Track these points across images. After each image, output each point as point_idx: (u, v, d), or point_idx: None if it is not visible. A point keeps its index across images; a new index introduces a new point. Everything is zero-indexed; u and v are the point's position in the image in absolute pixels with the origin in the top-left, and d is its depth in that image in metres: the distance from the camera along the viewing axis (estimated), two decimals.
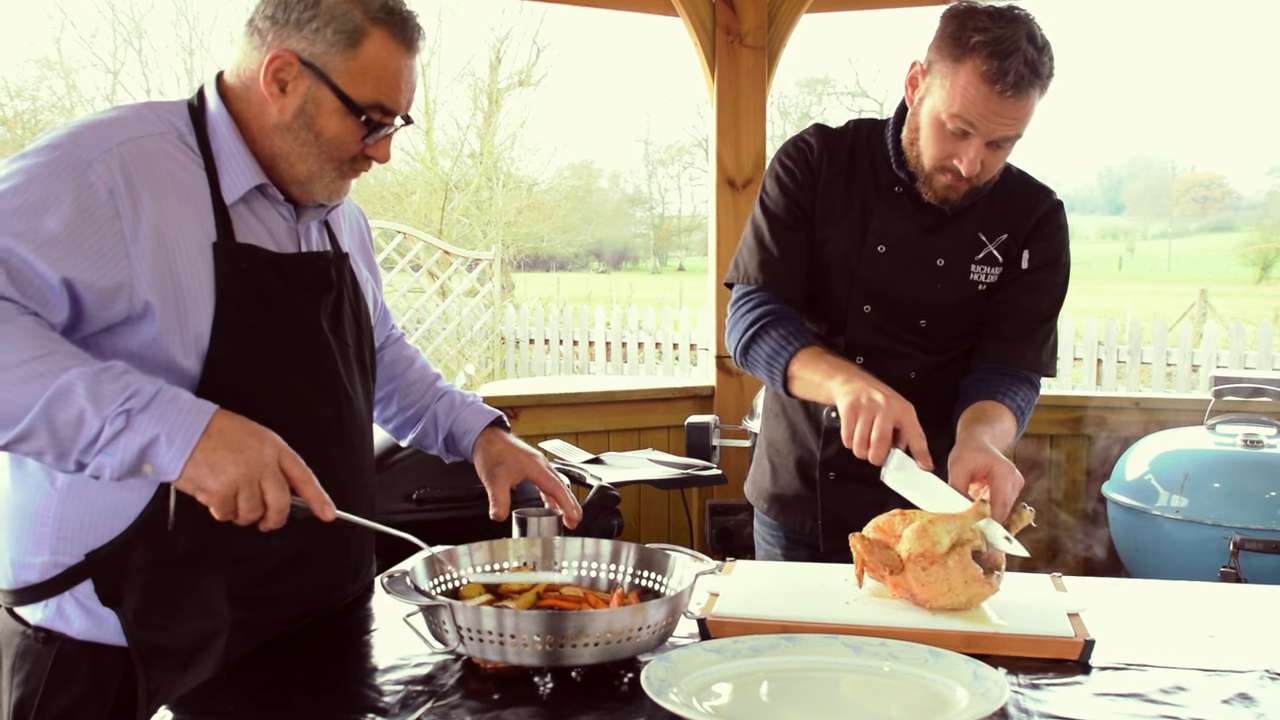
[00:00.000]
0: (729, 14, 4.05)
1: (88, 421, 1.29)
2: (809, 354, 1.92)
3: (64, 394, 1.29)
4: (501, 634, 1.35)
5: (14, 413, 1.29)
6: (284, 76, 1.49)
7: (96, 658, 1.47)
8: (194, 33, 22.86)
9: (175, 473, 1.32)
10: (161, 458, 1.32)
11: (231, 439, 1.34)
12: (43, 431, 1.29)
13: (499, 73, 20.50)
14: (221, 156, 1.51)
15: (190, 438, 1.32)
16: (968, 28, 1.81)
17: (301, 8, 1.48)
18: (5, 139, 21.37)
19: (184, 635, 1.48)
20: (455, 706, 1.30)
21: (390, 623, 1.58)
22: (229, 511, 1.35)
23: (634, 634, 1.39)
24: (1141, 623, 1.67)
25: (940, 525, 1.59)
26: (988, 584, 1.58)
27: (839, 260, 2.03)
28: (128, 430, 1.30)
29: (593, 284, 26.45)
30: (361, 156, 1.55)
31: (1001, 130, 1.84)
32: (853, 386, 1.78)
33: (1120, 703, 1.34)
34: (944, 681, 1.34)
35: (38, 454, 1.32)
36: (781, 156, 2.09)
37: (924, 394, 2.00)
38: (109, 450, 1.30)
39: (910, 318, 2.03)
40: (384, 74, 1.50)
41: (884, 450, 1.71)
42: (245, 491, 1.34)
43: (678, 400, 4.15)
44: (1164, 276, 34.99)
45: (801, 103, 32.17)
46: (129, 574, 1.46)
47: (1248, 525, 2.97)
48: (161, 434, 1.31)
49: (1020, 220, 2.04)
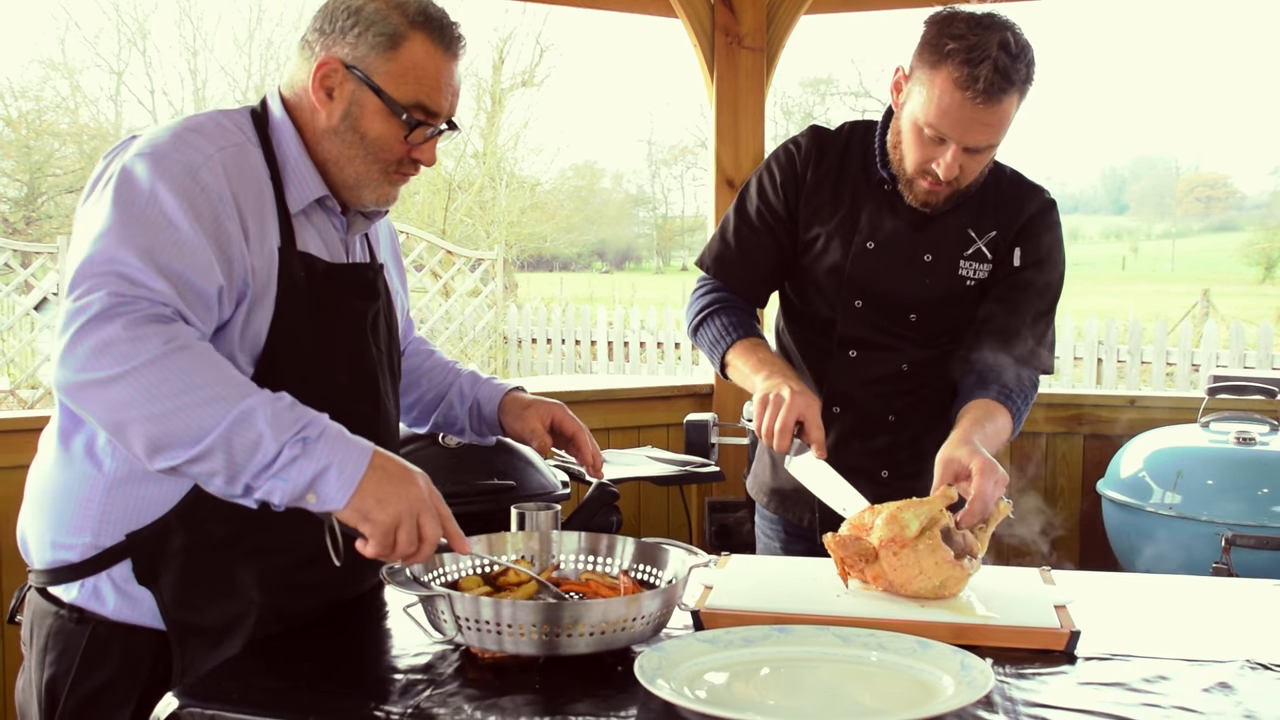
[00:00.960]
0: (728, 16, 4.08)
1: (264, 447, 1.33)
2: (745, 345, 2.06)
3: (246, 419, 1.33)
4: (499, 623, 1.39)
5: (196, 434, 1.32)
6: (330, 83, 1.55)
7: (130, 638, 1.52)
8: (197, 33, 22.87)
9: (341, 503, 1.35)
10: (330, 488, 1.35)
11: (393, 475, 1.39)
12: (220, 454, 1.33)
13: (502, 73, 20.52)
14: (287, 166, 1.57)
15: (358, 470, 1.36)
16: (944, 35, 1.84)
17: (345, 16, 1.55)
18: (10, 139, 21.41)
19: (215, 615, 1.53)
20: (453, 694, 1.33)
21: (390, 613, 1.62)
22: (388, 545, 1.38)
23: (629, 624, 1.42)
24: (1127, 614, 1.70)
25: (909, 511, 1.63)
26: (959, 567, 1.62)
27: (829, 257, 2.08)
28: (304, 457, 1.34)
29: (596, 284, 26.48)
30: (408, 160, 1.60)
31: (976, 137, 1.86)
32: (769, 383, 1.91)
33: (1103, 691, 1.37)
34: (931, 671, 1.37)
35: (208, 475, 1.35)
36: (770, 160, 2.15)
37: (917, 386, 2.07)
38: (282, 475, 1.34)
39: (900, 312, 2.07)
40: (423, 75, 1.55)
41: (786, 440, 1.84)
42: (406, 525, 1.38)
43: (677, 398, 4.18)
44: (1167, 276, 34.96)
45: (805, 103, 32.19)
46: (166, 556, 1.51)
47: (1240, 521, 3.00)
48: (333, 464, 1.35)
49: (1010, 219, 2.07)
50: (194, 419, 1.32)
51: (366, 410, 1.66)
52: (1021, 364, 2.04)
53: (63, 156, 21.72)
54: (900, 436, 2.10)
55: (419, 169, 1.63)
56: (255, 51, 23.09)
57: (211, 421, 1.33)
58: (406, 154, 1.59)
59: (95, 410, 1.35)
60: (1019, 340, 2.04)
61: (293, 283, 1.54)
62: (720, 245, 2.17)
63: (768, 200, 2.12)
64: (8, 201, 21.32)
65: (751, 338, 2.07)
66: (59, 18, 33.08)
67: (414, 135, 1.57)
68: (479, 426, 1.94)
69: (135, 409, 1.32)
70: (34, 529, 1.57)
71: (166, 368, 1.33)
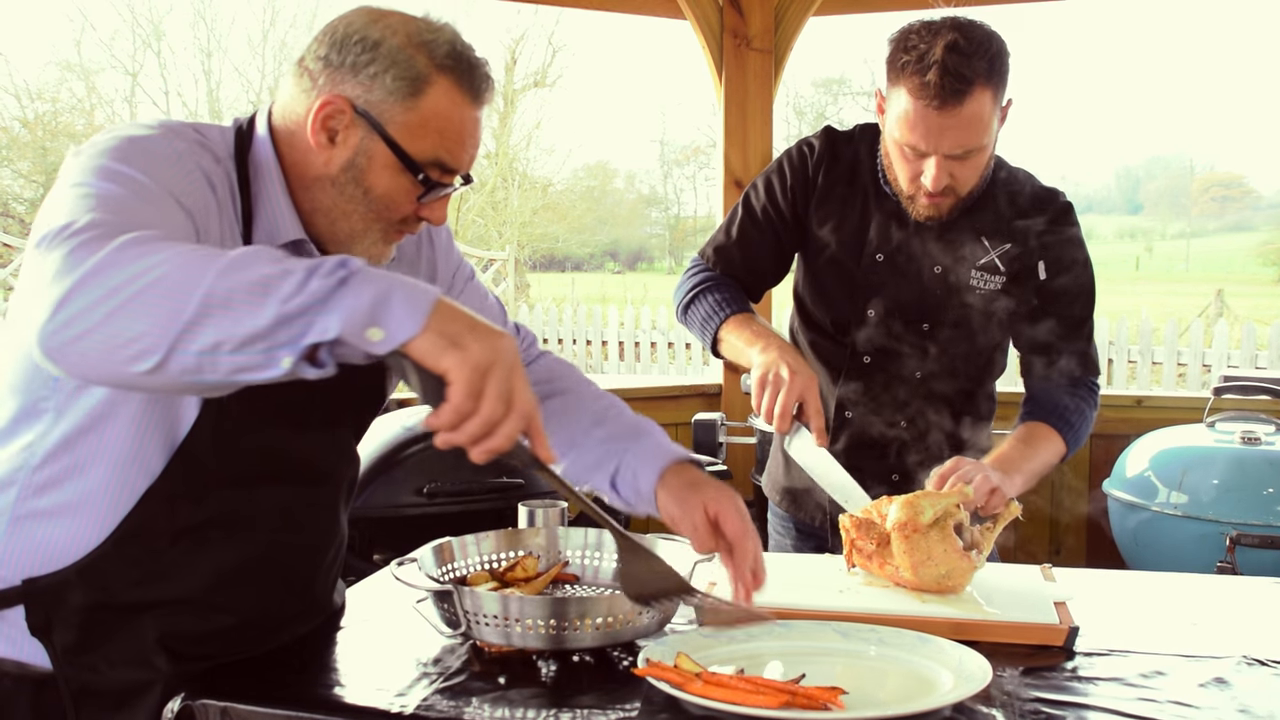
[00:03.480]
0: (736, 18, 4.10)
1: (275, 285, 1.05)
2: (738, 320, 2.04)
3: (240, 264, 1.06)
4: (506, 618, 1.41)
5: (175, 304, 1.05)
6: (334, 125, 1.34)
7: (36, 693, 1.36)
8: (212, 35, 23.00)
9: (417, 327, 1.06)
10: (397, 314, 1.06)
11: (471, 317, 1.11)
12: (218, 314, 1.04)
13: (514, 74, 20.58)
14: (260, 201, 1.37)
15: (428, 298, 1.08)
16: (898, 49, 1.83)
17: (359, 50, 1.33)
18: (26, 140, 21.54)
19: (115, 679, 1.36)
20: (461, 688, 1.35)
21: (398, 609, 1.64)
22: (473, 392, 1.08)
23: (634, 619, 1.45)
24: (1127, 611, 1.72)
25: (925, 500, 1.66)
26: (966, 558, 1.64)
27: (840, 265, 2.08)
28: (352, 282, 1.06)
29: (608, 284, 26.49)
30: (413, 218, 1.40)
31: (950, 143, 1.83)
32: (766, 359, 1.88)
33: (1100, 686, 1.39)
34: (930, 665, 1.39)
35: (213, 348, 1.05)
36: (782, 159, 2.15)
37: (932, 393, 2.07)
38: (332, 305, 1.05)
39: (912, 321, 2.06)
40: (446, 127, 1.35)
41: (786, 423, 1.82)
42: (499, 374, 1.09)
43: (685, 398, 4.20)
44: (1182, 276, 34.79)
45: (817, 103, 32.16)
46: (63, 612, 1.34)
47: (1245, 521, 3.01)
48: (395, 291, 1.07)
49: (1025, 231, 2.04)
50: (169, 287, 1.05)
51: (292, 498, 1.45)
52: (1073, 375, 2.03)
53: None
54: (912, 443, 2.09)
55: (421, 227, 1.43)
56: (269, 53, 23.19)
57: (194, 281, 1.05)
58: (413, 213, 1.39)
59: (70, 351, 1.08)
60: (1065, 353, 2.03)
61: None
62: (723, 237, 2.18)
63: (775, 200, 2.12)
64: (23, 202, 21.44)
65: (745, 313, 2.06)
66: (75, 20, 33.31)
67: (427, 195, 1.37)
68: (629, 495, 1.55)
69: (100, 309, 1.06)
70: None
71: (125, 255, 1.07)
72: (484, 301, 1.70)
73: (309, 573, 1.55)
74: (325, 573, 1.58)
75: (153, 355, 1.06)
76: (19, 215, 20.89)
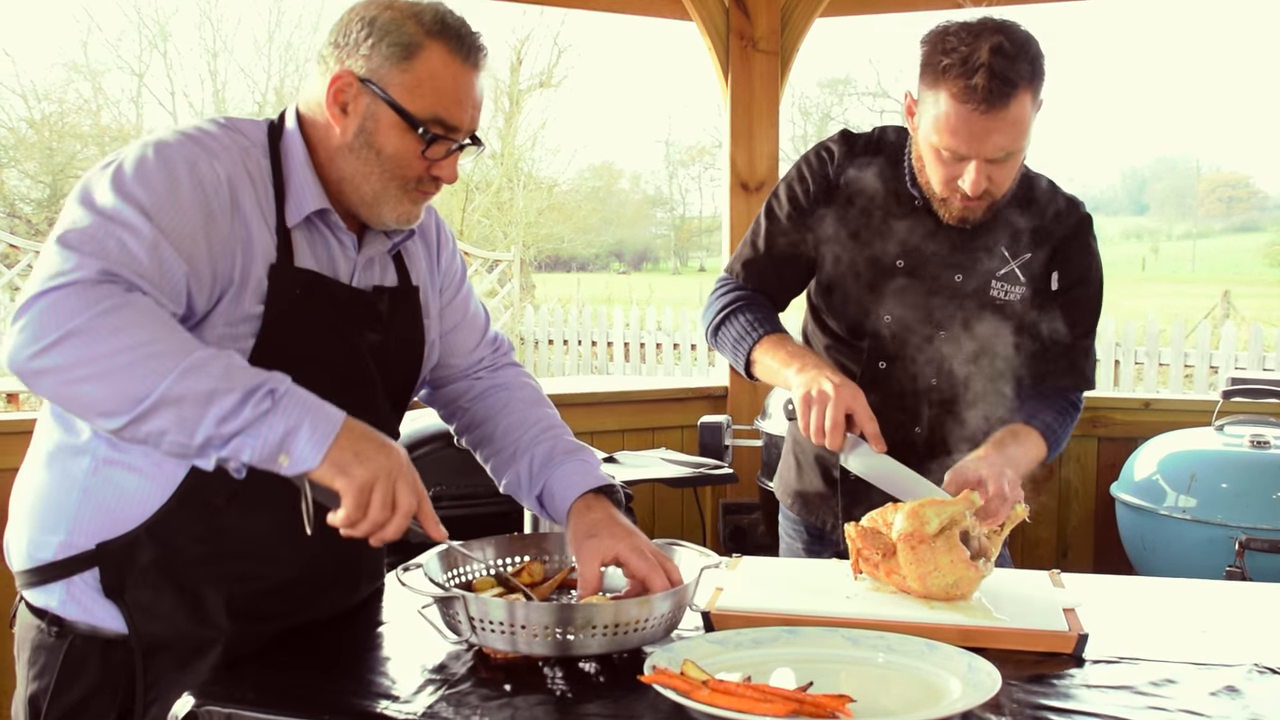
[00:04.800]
0: (742, 19, 4.09)
1: (218, 399, 1.28)
2: (771, 341, 2.02)
3: (195, 370, 1.29)
4: (512, 624, 1.41)
5: (136, 394, 1.27)
6: (345, 98, 1.49)
7: (105, 652, 1.49)
8: (217, 35, 23.05)
9: (316, 460, 1.32)
10: (302, 447, 1.31)
11: (370, 437, 1.36)
12: (168, 410, 1.28)
13: (520, 74, 20.58)
14: (290, 178, 1.52)
15: (331, 429, 1.33)
16: (937, 51, 1.81)
17: (359, 27, 1.49)
18: (33, 141, 21.59)
19: (182, 635, 1.50)
20: (466, 694, 1.35)
21: (403, 615, 1.64)
22: (360, 505, 1.34)
23: (640, 625, 1.44)
24: (1136, 618, 1.71)
25: (931, 508, 1.65)
26: (974, 568, 1.63)
27: (859, 270, 2.05)
28: (274, 413, 1.30)
29: (613, 285, 26.50)
30: (428, 178, 1.54)
31: (992, 147, 1.82)
32: (806, 377, 1.86)
33: (1110, 694, 1.38)
34: (939, 673, 1.38)
35: (158, 435, 1.30)
36: (800, 163, 2.13)
37: (947, 401, 2.04)
38: (251, 432, 1.30)
39: (930, 330, 2.04)
40: (441, 86, 1.49)
41: (839, 437, 1.80)
42: (382, 487, 1.35)
43: (691, 400, 4.19)
44: (1188, 277, 34.71)
45: (823, 103, 32.15)
46: (134, 570, 1.48)
47: (1254, 525, 2.99)
48: (305, 423, 1.32)
49: (1046, 241, 2.02)
50: (133, 378, 1.27)
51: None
52: (1060, 384, 2.03)
53: (85, 158, 21.88)
54: (927, 450, 2.07)
55: (440, 186, 1.56)
56: (275, 53, 23.25)
57: (154, 377, 1.27)
58: (425, 171, 1.53)
59: (41, 385, 1.30)
60: (1058, 361, 2.03)
61: (283, 299, 1.48)
62: (749, 251, 2.15)
63: (798, 205, 2.09)
64: (30, 203, 21.50)
65: (778, 333, 2.04)
66: (82, 20, 33.41)
67: (432, 150, 1.50)
68: (551, 515, 1.70)
69: (75, 371, 1.27)
70: (14, 529, 1.56)
71: (105, 324, 1.27)
72: (467, 314, 1.83)
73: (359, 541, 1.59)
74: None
75: (111, 421, 1.30)
76: (25, 216, 20.94)
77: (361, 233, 1.60)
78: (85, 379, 1.27)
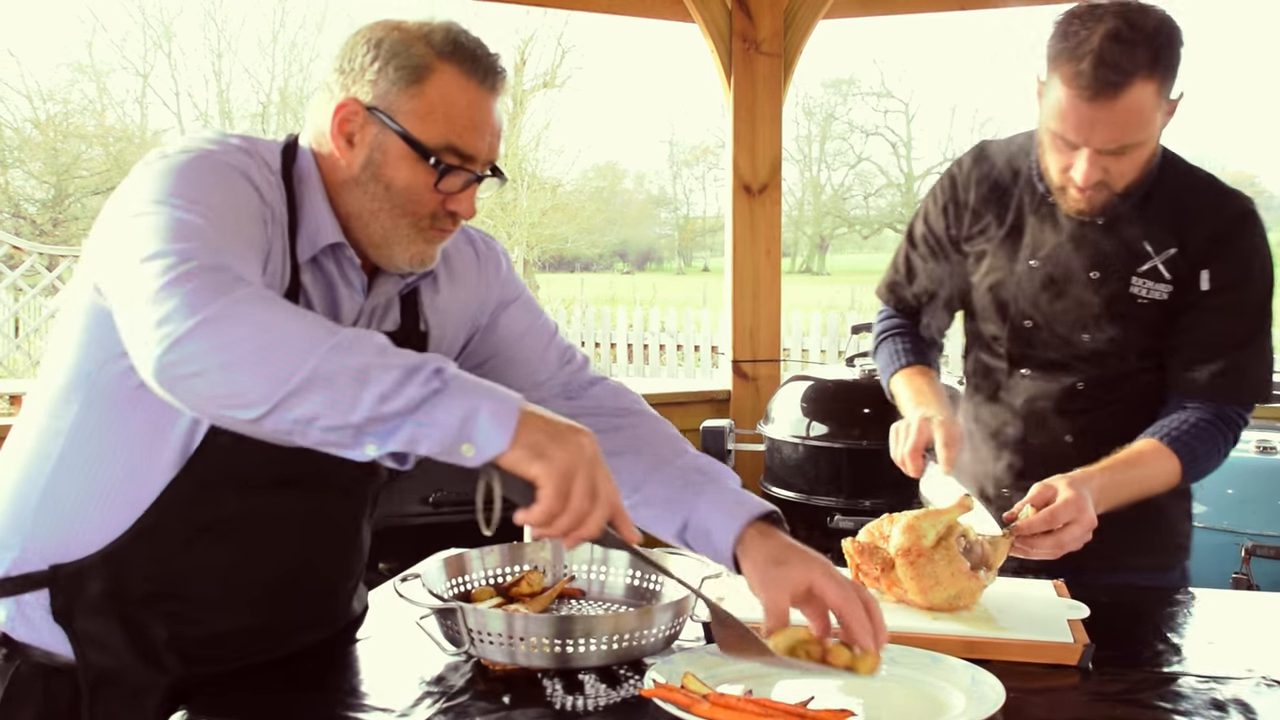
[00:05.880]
0: (745, 21, 4.08)
1: (375, 376, 1.13)
2: (908, 373, 2.08)
3: (348, 346, 1.14)
4: (511, 636, 1.39)
5: (281, 373, 1.13)
6: (350, 127, 1.37)
7: (50, 681, 1.40)
8: (222, 35, 23.08)
9: (505, 443, 1.15)
10: (486, 430, 1.15)
11: (553, 419, 1.20)
12: (319, 389, 1.13)
13: (523, 74, 20.61)
14: (304, 208, 1.40)
15: (513, 409, 1.16)
16: (1057, 34, 1.73)
17: (364, 51, 1.37)
18: (38, 142, 21.64)
19: (128, 670, 1.39)
20: (464, 708, 1.33)
21: (401, 626, 1.63)
22: (561, 494, 1.18)
23: (641, 636, 1.43)
24: (1143, 628, 1.69)
25: (926, 520, 1.63)
26: (974, 578, 1.61)
27: (995, 275, 2.01)
28: (446, 394, 1.14)
29: (617, 285, 26.50)
30: (443, 213, 1.40)
31: (1102, 138, 1.72)
32: (909, 414, 1.94)
33: (1116, 707, 1.36)
34: (942, 686, 1.37)
35: (308, 421, 1.14)
36: (936, 183, 2.13)
37: (1093, 405, 1.97)
38: (423, 418, 1.14)
39: (1070, 331, 1.95)
40: (453, 111, 1.36)
41: (918, 464, 1.86)
42: (584, 474, 1.18)
43: (694, 404, 4.18)
44: None
45: (827, 103, 32.17)
46: (83, 597, 1.38)
47: (1260, 531, 2.98)
48: (483, 404, 1.15)
49: (1191, 234, 1.87)
50: (279, 354, 1.13)
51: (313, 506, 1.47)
52: (1207, 400, 1.87)
53: (89, 159, 21.94)
54: (1079, 458, 1.89)
55: (457, 223, 1.43)
56: (279, 54, 23.30)
57: (303, 353, 1.13)
58: (440, 206, 1.39)
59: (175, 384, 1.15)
60: (1205, 373, 1.87)
61: None
62: (892, 273, 2.17)
63: (931, 225, 2.09)
64: (35, 204, 21.55)
65: (917, 365, 2.08)
66: (87, 21, 33.49)
67: (445, 182, 1.37)
68: (704, 553, 1.49)
69: (213, 358, 1.13)
70: None
71: (239, 311, 1.15)
72: (535, 325, 1.68)
73: (326, 583, 1.56)
74: (342, 583, 1.59)
75: (254, 409, 1.14)
76: (30, 216, 20.98)
77: (374, 273, 1.47)
78: (228, 365, 1.13)
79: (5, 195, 20.87)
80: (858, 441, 3.32)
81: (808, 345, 11.41)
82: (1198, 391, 1.88)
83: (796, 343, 11.27)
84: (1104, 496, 1.75)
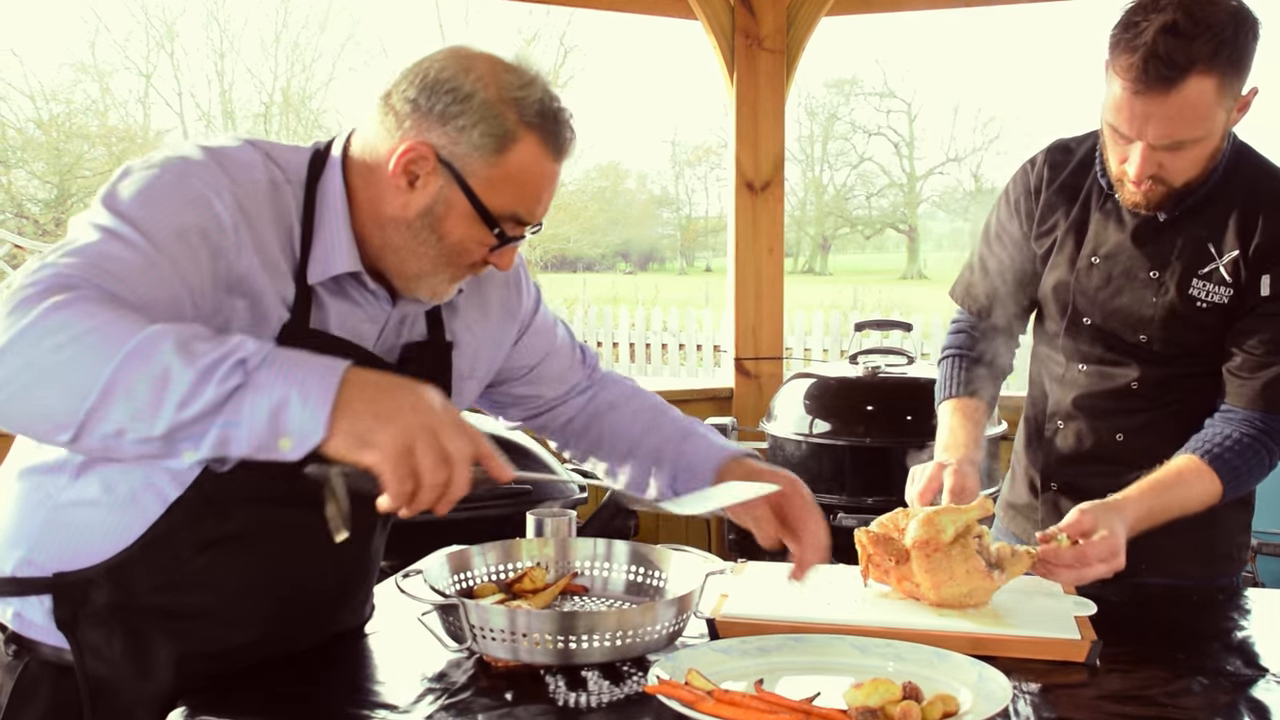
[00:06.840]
0: (748, 18, 4.07)
1: (174, 378, 1.07)
2: (951, 406, 2.06)
3: (144, 351, 1.08)
4: (513, 632, 1.38)
5: (82, 387, 1.07)
6: (416, 170, 1.34)
7: (59, 680, 1.39)
8: (224, 35, 23.09)
9: (321, 430, 1.09)
10: (296, 420, 1.08)
11: (385, 386, 1.13)
12: (119, 402, 1.07)
13: None
14: (320, 229, 1.36)
15: (328, 388, 1.09)
16: (1120, 23, 1.70)
17: (450, 99, 1.32)
18: (40, 142, 21.65)
19: (127, 683, 1.38)
20: (467, 704, 1.32)
21: (403, 622, 1.62)
22: (405, 474, 1.12)
23: (644, 633, 1.42)
24: (1151, 625, 1.68)
25: (945, 516, 1.62)
26: (989, 577, 1.60)
27: (1058, 271, 2.00)
28: (248, 388, 1.08)
29: (619, 285, 26.50)
30: (481, 263, 1.41)
31: (1157, 134, 1.69)
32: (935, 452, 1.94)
33: (1124, 705, 1.35)
34: (948, 683, 1.35)
35: (117, 436, 1.09)
36: (1009, 181, 2.11)
37: (1147, 405, 1.94)
38: (228, 418, 1.08)
39: (1128, 330, 1.92)
40: (527, 182, 1.36)
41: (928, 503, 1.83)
42: (424, 442, 1.11)
43: (696, 402, 4.17)
44: None
45: (829, 103, 32.16)
46: (87, 608, 1.36)
47: (1265, 529, 2.96)
48: (292, 392, 1.09)
49: (1254, 237, 1.82)
50: (78, 369, 1.07)
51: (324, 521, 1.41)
52: (1256, 410, 1.82)
53: (92, 159, 21.95)
54: (1128, 457, 1.90)
55: (486, 270, 1.44)
56: (281, 54, 23.30)
57: (100, 364, 1.07)
58: (483, 259, 1.40)
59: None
60: (1259, 382, 1.82)
61: None
62: (967, 273, 2.15)
63: (1003, 223, 2.07)
64: (38, 203, 21.57)
65: (963, 398, 2.05)
66: (89, 21, 33.52)
67: (500, 247, 1.39)
68: (681, 488, 1.63)
69: (16, 381, 1.08)
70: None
71: (47, 323, 1.08)
72: (553, 335, 1.71)
73: (335, 598, 1.54)
74: (351, 598, 1.58)
75: (66, 431, 1.10)
76: (33, 216, 20.99)
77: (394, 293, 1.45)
78: (29, 386, 1.08)
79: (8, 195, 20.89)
80: (861, 439, 3.30)
81: (810, 344, 11.40)
82: (1249, 399, 1.83)
83: (799, 341, 11.26)
84: (1139, 524, 1.72)
